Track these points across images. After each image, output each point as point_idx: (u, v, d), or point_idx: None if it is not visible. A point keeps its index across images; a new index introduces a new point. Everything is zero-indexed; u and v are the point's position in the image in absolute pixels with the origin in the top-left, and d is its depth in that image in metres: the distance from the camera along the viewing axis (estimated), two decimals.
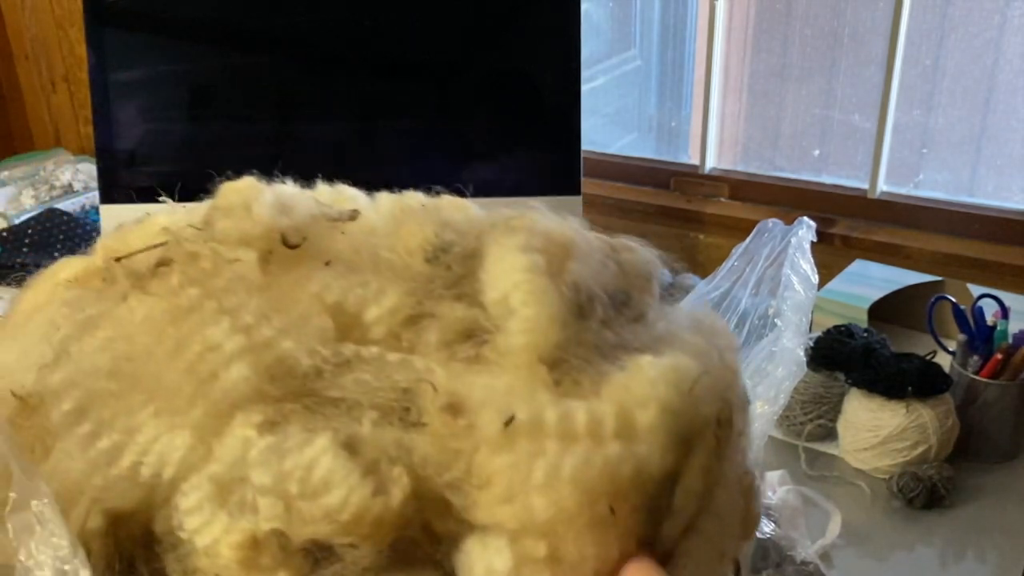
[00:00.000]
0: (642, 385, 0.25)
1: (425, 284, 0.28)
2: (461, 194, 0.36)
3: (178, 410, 0.26)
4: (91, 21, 1.22)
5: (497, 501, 0.24)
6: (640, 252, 0.34)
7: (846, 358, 1.01)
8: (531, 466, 0.24)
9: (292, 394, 0.26)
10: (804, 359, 0.95)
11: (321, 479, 0.23)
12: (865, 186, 1.45)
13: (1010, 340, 0.98)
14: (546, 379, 0.26)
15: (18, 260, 1.49)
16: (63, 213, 1.59)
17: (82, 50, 1.85)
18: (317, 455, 0.24)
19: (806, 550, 0.81)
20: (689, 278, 1.33)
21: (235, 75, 1.28)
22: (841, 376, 1.03)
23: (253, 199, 0.30)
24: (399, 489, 0.24)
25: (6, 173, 1.81)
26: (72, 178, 1.79)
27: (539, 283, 0.26)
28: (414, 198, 0.33)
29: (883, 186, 1.45)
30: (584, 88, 1.26)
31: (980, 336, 1.00)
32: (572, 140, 1.25)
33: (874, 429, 0.97)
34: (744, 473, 0.33)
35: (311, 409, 0.26)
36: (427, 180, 1.50)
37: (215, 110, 1.28)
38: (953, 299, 1.04)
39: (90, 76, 1.23)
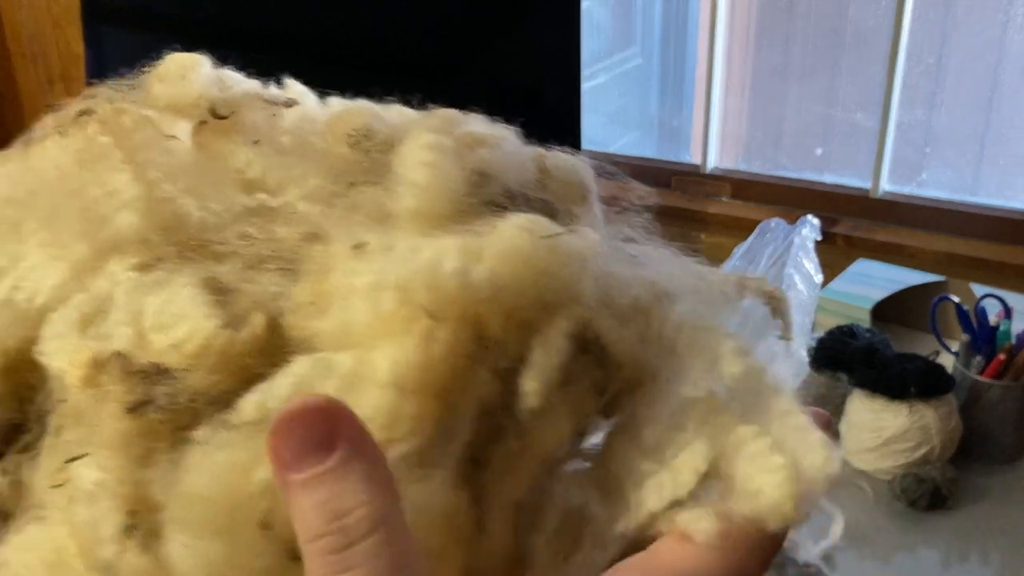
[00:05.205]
0: (500, 230, 0.23)
1: (347, 169, 0.28)
2: None
3: (63, 244, 0.27)
4: (88, 19, 1.21)
5: (320, 313, 0.24)
6: (569, 165, 0.31)
7: (848, 358, 1.00)
8: (360, 278, 0.23)
9: (177, 243, 0.27)
10: (806, 359, 0.94)
11: (173, 313, 0.24)
12: (868, 185, 1.45)
13: (1013, 340, 0.98)
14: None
15: None
16: None
17: (79, 48, 1.84)
18: (176, 291, 0.25)
19: (808, 552, 0.80)
20: None
21: None
22: (844, 377, 1.02)
23: (190, 68, 0.30)
24: (250, 328, 0.24)
25: None
26: None
27: (435, 157, 0.26)
28: (363, 101, 0.33)
29: (886, 185, 1.44)
30: (585, 86, 1.25)
31: (983, 336, 1.00)
32: (572, 139, 1.25)
33: (877, 430, 0.96)
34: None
35: (189, 257, 0.26)
36: None
37: None
38: (956, 299, 1.03)
39: (87, 74, 1.23)
